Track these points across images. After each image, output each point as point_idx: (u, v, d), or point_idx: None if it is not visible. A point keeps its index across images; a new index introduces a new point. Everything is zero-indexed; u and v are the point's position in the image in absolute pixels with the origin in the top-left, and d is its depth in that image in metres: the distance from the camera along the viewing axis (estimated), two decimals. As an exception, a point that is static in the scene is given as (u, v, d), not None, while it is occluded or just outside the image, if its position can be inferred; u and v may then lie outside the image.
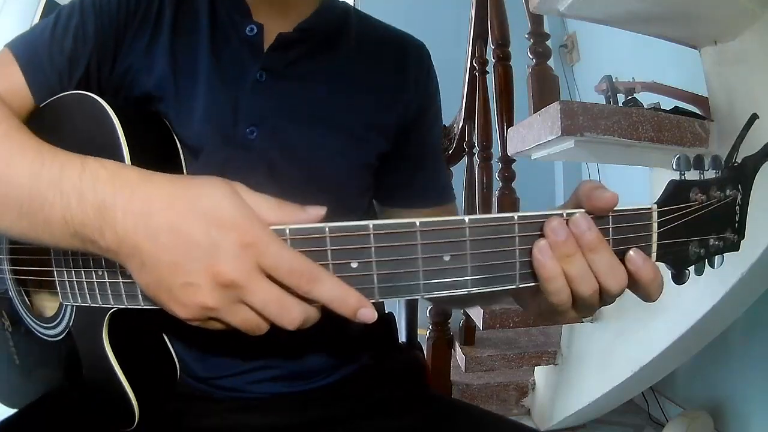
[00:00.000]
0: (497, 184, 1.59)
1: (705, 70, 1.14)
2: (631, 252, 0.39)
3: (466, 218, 0.38)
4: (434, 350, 1.67)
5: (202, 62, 0.58)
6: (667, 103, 1.36)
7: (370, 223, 0.37)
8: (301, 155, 0.59)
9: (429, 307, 1.72)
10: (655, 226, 0.40)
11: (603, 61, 2.55)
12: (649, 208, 0.40)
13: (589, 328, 1.56)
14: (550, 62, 1.45)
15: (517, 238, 0.38)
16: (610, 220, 0.40)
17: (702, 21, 1.06)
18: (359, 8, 0.72)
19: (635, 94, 1.61)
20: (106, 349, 0.52)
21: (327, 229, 0.38)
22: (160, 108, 0.57)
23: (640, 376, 1.40)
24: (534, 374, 1.86)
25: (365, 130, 0.63)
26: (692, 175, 0.42)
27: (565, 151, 1.11)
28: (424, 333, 1.75)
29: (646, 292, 0.40)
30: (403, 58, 0.67)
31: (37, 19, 2.69)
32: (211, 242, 0.36)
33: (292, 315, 0.37)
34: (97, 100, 0.51)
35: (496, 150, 1.65)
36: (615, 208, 0.39)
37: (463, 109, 1.89)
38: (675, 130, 1.07)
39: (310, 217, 0.39)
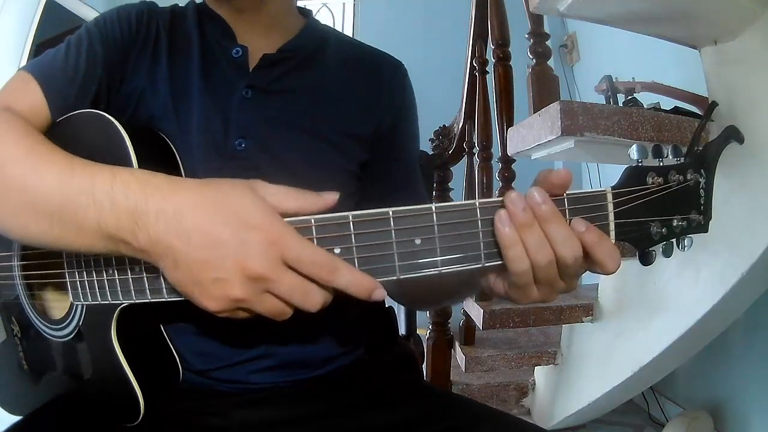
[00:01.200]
0: (497, 184, 1.59)
1: (705, 70, 1.14)
2: (573, 219, 0.43)
3: (433, 206, 0.42)
4: (434, 350, 1.68)
5: (195, 83, 0.64)
6: (667, 103, 1.36)
7: (350, 213, 0.42)
8: (286, 162, 0.64)
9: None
10: (610, 206, 0.43)
11: (603, 61, 2.55)
12: (604, 191, 0.43)
13: (589, 328, 1.56)
14: (550, 62, 1.45)
15: (479, 221, 0.42)
16: (566, 202, 0.43)
17: (702, 21, 1.06)
18: (359, 10, 0.74)
19: (635, 94, 1.62)
20: (114, 344, 0.53)
21: (312, 220, 0.42)
22: (161, 125, 0.62)
23: (640, 376, 1.40)
24: (534, 374, 1.86)
25: (344, 139, 0.68)
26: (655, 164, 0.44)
27: (565, 151, 1.11)
28: (424, 333, 1.76)
29: (597, 258, 0.43)
30: (378, 75, 0.73)
31: (37, 19, 2.69)
32: (239, 240, 0.40)
33: (315, 300, 0.42)
34: (109, 118, 0.55)
35: (496, 150, 1.65)
36: (571, 192, 0.43)
37: (463, 109, 1.89)
38: (675, 130, 1.07)
39: (326, 202, 0.44)
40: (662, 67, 1.83)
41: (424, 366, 1.69)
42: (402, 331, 0.96)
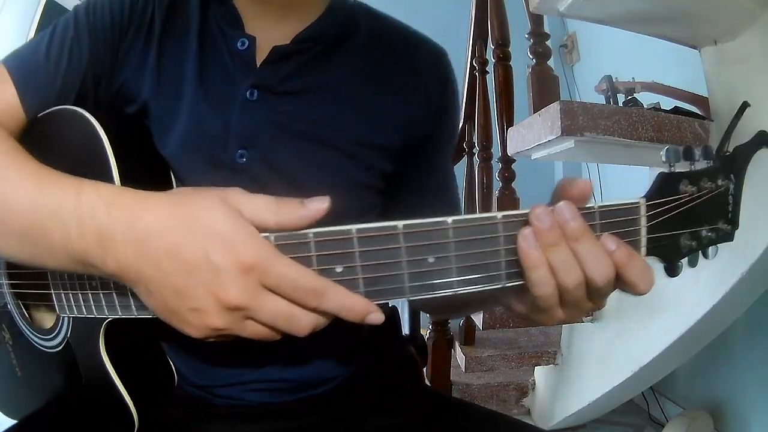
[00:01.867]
0: (497, 184, 1.59)
1: (705, 70, 1.14)
2: (603, 236, 0.38)
3: (449, 219, 0.37)
4: (434, 350, 1.67)
5: (188, 79, 0.56)
6: (667, 103, 1.36)
7: (354, 227, 0.37)
8: (293, 176, 0.56)
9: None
10: (643, 220, 0.40)
11: (603, 61, 2.55)
12: (637, 202, 0.39)
13: (589, 328, 1.56)
14: (550, 62, 1.45)
15: (501, 237, 0.38)
16: (597, 216, 0.39)
17: (702, 21, 1.06)
18: None
19: (635, 94, 1.61)
20: (103, 357, 0.52)
21: (311, 234, 0.37)
22: (150, 125, 0.57)
23: (640, 376, 1.40)
24: (534, 374, 1.86)
25: (363, 150, 0.59)
26: (683, 167, 0.41)
27: (565, 151, 1.11)
28: (424, 333, 1.76)
29: (629, 279, 0.38)
30: (414, 69, 0.61)
31: (37, 20, 2.69)
32: (211, 266, 0.36)
33: (302, 325, 0.37)
34: (86, 116, 0.51)
35: (496, 150, 1.65)
36: (602, 204, 0.39)
37: (463, 109, 1.89)
38: (675, 130, 1.07)
39: (310, 212, 0.38)
40: (662, 67, 1.83)
41: (424, 366, 1.69)
42: (405, 331, 0.95)
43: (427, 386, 0.76)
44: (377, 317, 0.38)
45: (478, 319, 1.49)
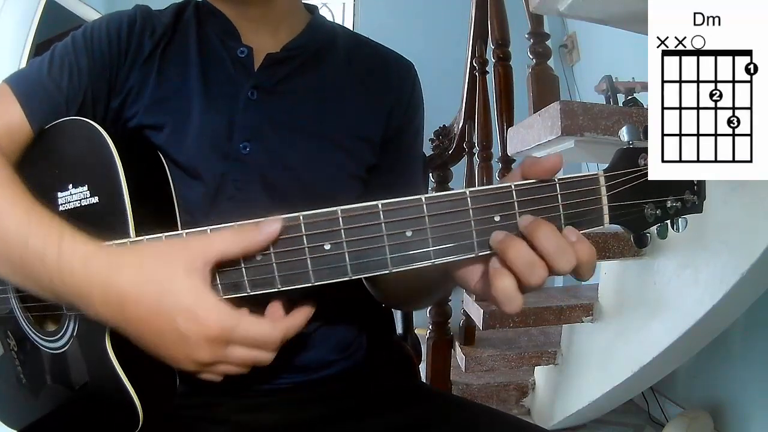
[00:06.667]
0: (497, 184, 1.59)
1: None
2: (566, 229, 0.42)
3: (423, 197, 0.42)
4: (434, 350, 1.68)
5: (194, 86, 0.62)
6: (667, 103, 1.36)
7: (338, 208, 0.42)
8: (292, 166, 0.62)
9: (429, 308, 1.72)
10: (603, 190, 0.43)
11: (603, 61, 2.55)
12: (596, 175, 0.43)
13: (589, 328, 1.56)
14: (550, 62, 1.45)
15: (470, 210, 0.42)
16: (558, 187, 0.42)
17: (702, 21, 1.06)
18: (359, 10, 0.73)
19: (635, 94, 1.62)
20: (109, 353, 0.52)
21: (301, 217, 0.42)
22: (155, 136, 0.60)
23: (640, 376, 1.40)
24: (534, 374, 1.86)
25: (353, 142, 0.66)
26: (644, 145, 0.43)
27: (565, 151, 1.11)
28: (424, 333, 1.76)
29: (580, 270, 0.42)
30: (386, 75, 0.70)
31: (36, 20, 2.69)
32: (180, 335, 0.42)
33: (265, 361, 0.46)
34: (94, 126, 0.54)
35: (496, 150, 1.65)
36: (563, 177, 0.42)
37: (463, 109, 1.89)
38: (675, 130, 1.07)
39: (265, 236, 0.42)
40: (662, 67, 1.83)
41: (423, 366, 1.70)
42: (398, 330, 0.96)
43: (427, 384, 0.78)
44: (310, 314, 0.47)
45: (478, 319, 1.49)
